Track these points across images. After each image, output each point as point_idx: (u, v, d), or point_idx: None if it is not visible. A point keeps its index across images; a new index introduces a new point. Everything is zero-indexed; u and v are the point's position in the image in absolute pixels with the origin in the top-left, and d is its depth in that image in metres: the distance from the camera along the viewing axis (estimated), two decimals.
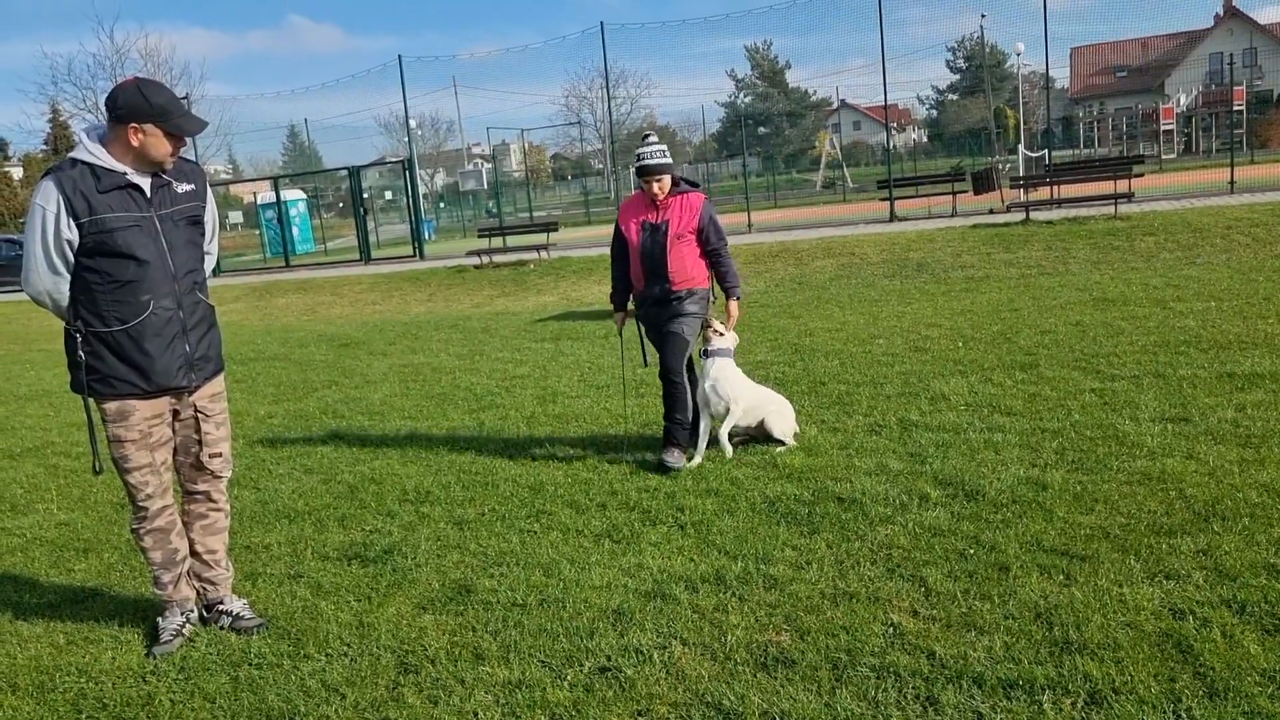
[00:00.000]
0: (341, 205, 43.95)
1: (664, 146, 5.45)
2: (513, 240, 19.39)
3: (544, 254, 17.60)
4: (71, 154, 3.42)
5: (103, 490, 5.98)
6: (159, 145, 3.42)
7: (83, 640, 3.86)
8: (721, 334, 5.55)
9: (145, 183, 3.46)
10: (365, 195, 26.24)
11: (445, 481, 5.52)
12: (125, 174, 3.42)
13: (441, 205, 44.92)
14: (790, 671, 3.11)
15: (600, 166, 67.87)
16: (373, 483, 5.62)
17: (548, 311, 13.17)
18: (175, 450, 3.74)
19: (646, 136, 5.51)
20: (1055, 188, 16.90)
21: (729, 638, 3.37)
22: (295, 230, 30.25)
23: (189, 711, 3.23)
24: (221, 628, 3.82)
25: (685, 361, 5.57)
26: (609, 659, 3.31)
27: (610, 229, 6.05)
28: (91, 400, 3.63)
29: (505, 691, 3.16)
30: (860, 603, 3.53)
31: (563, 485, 5.28)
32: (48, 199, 3.34)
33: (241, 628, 3.79)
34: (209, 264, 3.79)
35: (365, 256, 23.44)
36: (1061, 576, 3.60)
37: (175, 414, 3.68)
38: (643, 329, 5.78)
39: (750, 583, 3.80)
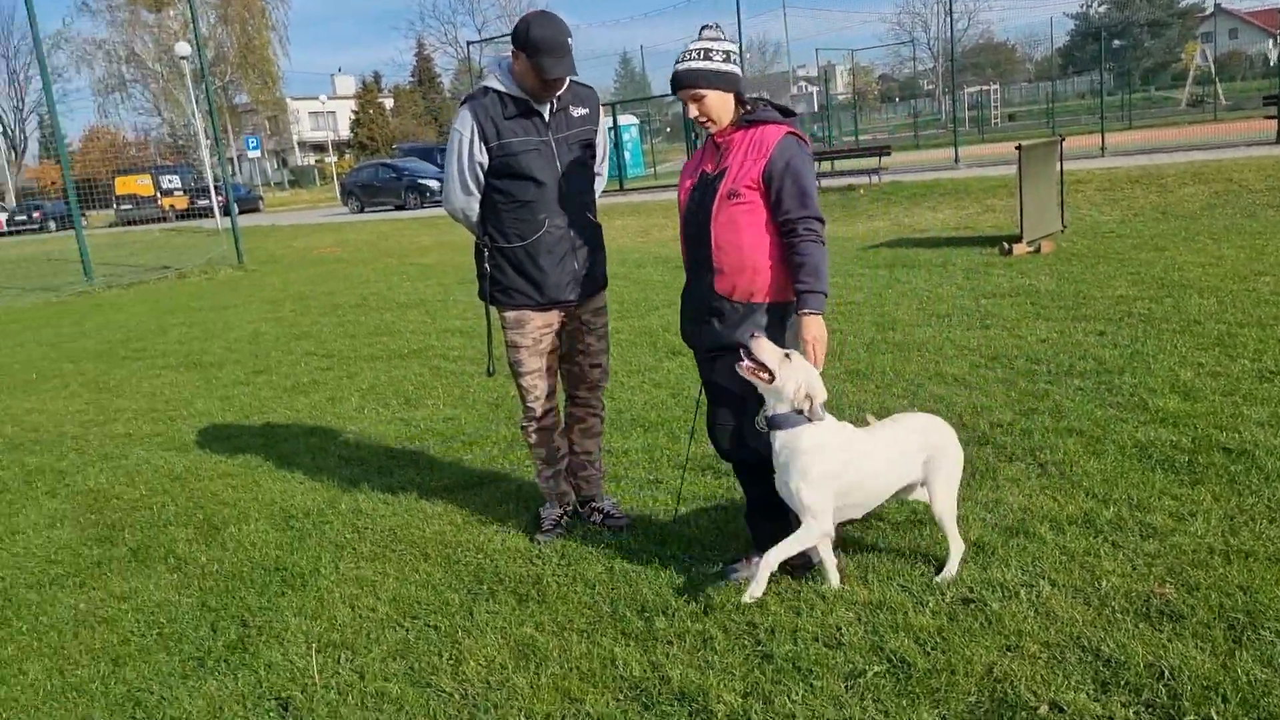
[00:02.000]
0: (669, 130, 45.08)
1: (718, 45, 3.22)
2: (841, 164, 19.05)
3: (875, 178, 17.15)
4: (484, 82, 3.76)
5: (480, 391, 6.64)
6: (528, 76, 3.65)
7: (476, 522, 4.36)
8: (771, 379, 3.15)
9: (545, 108, 3.73)
10: None
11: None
12: (527, 100, 3.70)
13: None
14: (1178, 626, 2.92)
15: (931, 87, 64.74)
16: None
17: (879, 238, 12.87)
18: (560, 358, 4.07)
19: (704, 28, 3.31)
20: None
21: (1103, 584, 3.22)
22: (627, 155, 31.40)
23: (573, 594, 3.56)
24: (594, 523, 4.17)
25: (739, 429, 3.45)
26: (971, 590, 3.27)
27: (936, 153, 4.24)
28: (493, 308, 4.01)
29: (866, 611, 3.22)
30: (1258, 562, 3.23)
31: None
32: (464, 125, 3.69)
33: (612, 525, 4.11)
34: (599, 185, 4.04)
35: None
36: None
37: (562, 325, 3.99)
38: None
39: (1124, 529, 3.59)
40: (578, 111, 3.81)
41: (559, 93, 3.76)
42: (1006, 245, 10.32)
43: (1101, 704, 2.60)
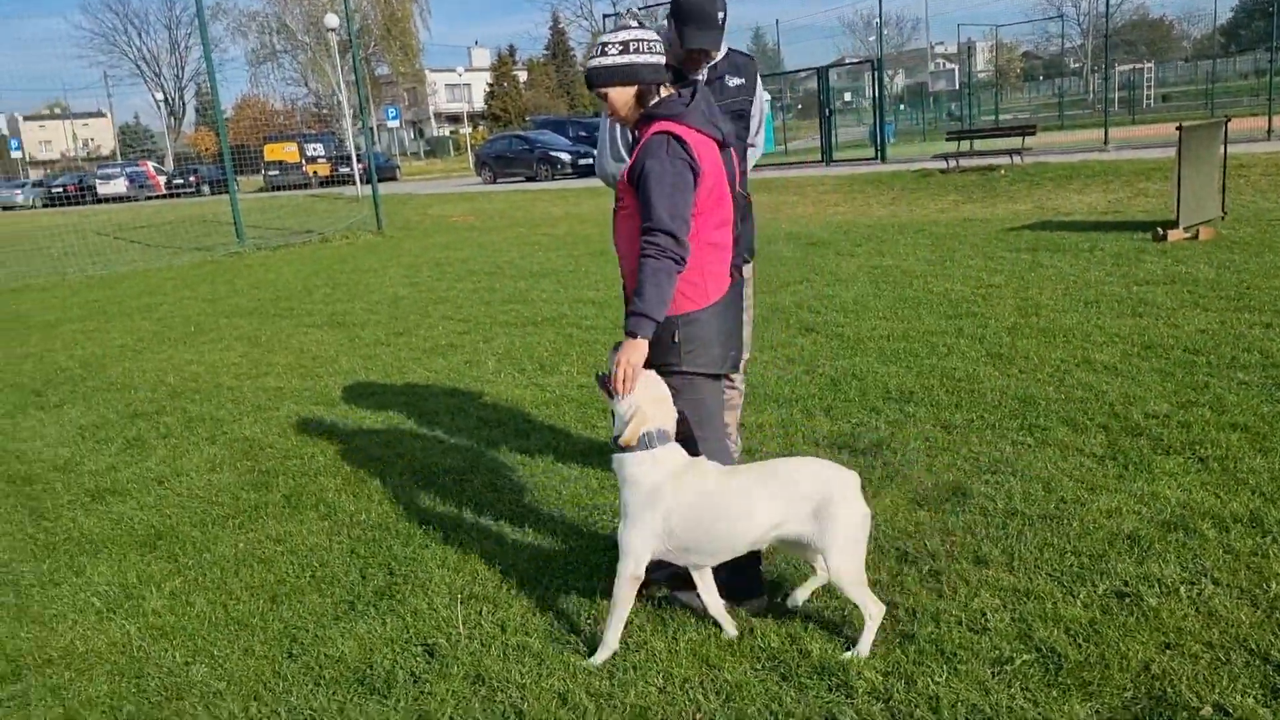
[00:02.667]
0: (800, 106, 44.34)
1: (616, 37, 3.06)
2: (982, 144, 18.42)
3: (1018, 159, 16.54)
4: None
5: None
6: (675, 44, 3.60)
7: (611, 487, 4.40)
8: (611, 396, 3.00)
9: (699, 77, 3.70)
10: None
11: (928, 384, 5.49)
12: (680, 69, 3.67)
13: (901, 107, 43.66)
14: None
15: (1078, 65, 61.88)
16: (854, 378, 5.74)
17: (1020, 220, 12.41)
18: None
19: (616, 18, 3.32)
20: None
21: (1272, 586, 3.05)
22: None
23: None
24: None
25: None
26: (1126, 584, 3.15)
27: (1083, 134, 3.95)
28: None
29: (1012, 598, 3.13)
30: None
31: (1055, 401, 5.02)
32: None
33: None
34: (753, 157, 4.01)
35: (826, 158, 23.57)
36: None
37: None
38: None
39: None
40: (733, 81, 3.77)
41: (712, 63, 3.73)
42: (1161, 231, 9.82)
43: (1272, 710, 2.48)
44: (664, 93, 3.10)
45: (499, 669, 3.01)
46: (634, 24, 3.13)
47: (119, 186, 39.28)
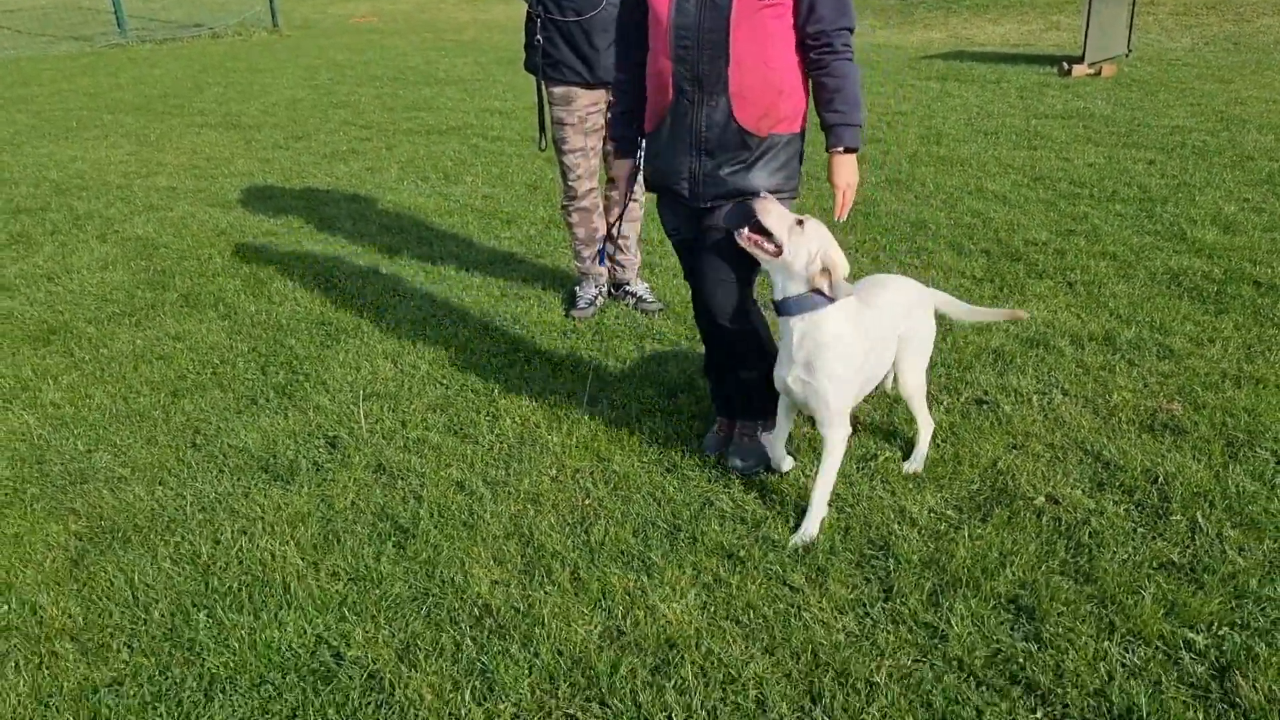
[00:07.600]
0: None
1: None
2: None
3: None
4: None
5: (518, 172, 6.66)
6: None
7: (513, 295, 4.50)
8: (777, 252, 2.58)
9: None
10: None
11: (826, 208, 5.61)
12: None
13: None
14: (1179, 440, 3.07)
15: None
16: None
17: (934, 48, 12.39)
18: (604, 140, 4.08)
19: None
20: None
21: (1114, 397, 3.35)
22: None
23: (605, 368, 3.73)
24: (627, 306, 4.30)
25: (745, 298, 2.88)
26: (985, 393, 3.42)
27: None
28: (541, 83, 3.99)
29: (882, 403, 3.37)
30: (1268, 388, 3.35)
31: (944, 226, 5.23)
32: None
33: (644, 309, 4.24)
34: None
35: None
36: None
37: (609, 105, 3.98)
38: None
39: (1142, 349, 3.70)
40: None
41: None
42: (1066, 66, 9.96)
43: (1095, 500, 2.78)
44: None
45: (399, 460, 3.15)
46: None
47: None
